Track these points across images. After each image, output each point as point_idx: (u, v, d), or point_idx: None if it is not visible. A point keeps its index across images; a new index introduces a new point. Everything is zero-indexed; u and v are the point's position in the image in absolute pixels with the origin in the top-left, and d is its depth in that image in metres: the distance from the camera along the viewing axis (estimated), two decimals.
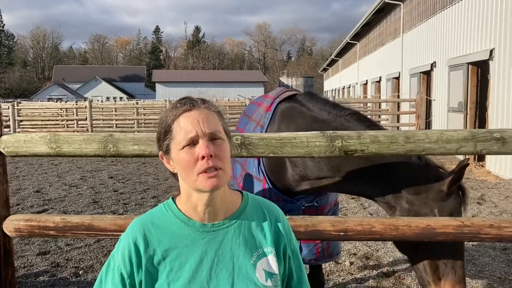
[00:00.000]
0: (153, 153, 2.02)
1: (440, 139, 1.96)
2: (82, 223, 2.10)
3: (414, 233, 2.03)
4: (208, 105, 1.32)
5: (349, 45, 33.93)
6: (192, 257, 1.28)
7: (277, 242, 1.36)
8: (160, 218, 1.35)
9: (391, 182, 2.21)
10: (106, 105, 25.56)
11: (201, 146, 1.24)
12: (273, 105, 2.85)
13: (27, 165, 11.80)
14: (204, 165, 1.23)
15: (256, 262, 1.32)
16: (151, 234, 1.31)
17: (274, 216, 1.40)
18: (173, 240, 1.30)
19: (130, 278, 1.28)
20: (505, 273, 4.52)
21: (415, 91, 16.54)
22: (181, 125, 1.27)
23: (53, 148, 2.06)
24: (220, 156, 1.26)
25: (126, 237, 1.33)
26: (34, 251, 5.17)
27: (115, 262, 1.31)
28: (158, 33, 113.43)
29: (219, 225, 1.32)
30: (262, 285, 1.30)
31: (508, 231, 2.02)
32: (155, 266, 1.28)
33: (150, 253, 1.29)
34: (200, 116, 1.27)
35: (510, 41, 9.53)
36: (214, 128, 1.27)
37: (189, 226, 1.32)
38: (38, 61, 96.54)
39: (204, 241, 1.30)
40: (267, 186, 2.63)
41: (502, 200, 7.48)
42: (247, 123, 3.17)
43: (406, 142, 1.97)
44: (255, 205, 1.41)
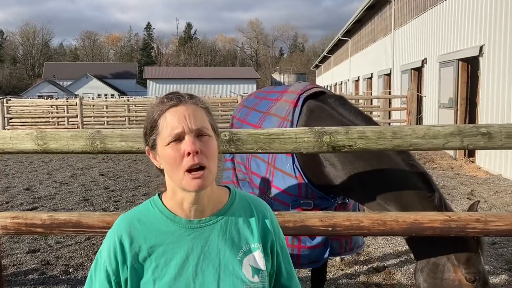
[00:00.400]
0: (141, 150, 2.01)
1: (427, 134, 1.97)
2: (70, 220, 2.09)
3: (402, 228, 2.05)
4: (195, 101, 1.30)
5: (341, 42, 33.99)
6: (178, 254, 1.28)
7: (264, 238, 1.36)
8: (145, 214, 1.34)
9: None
10: (97, 102, 25.40)
11: (187, 142, 1.22)
12: (300, 101, 2.79)
13: (16, 162, 11.70)
14: (190, 162, 1.22)
15: (243, 258, 1.31)
16: (137, 231, 1.30)
17: (262, 213, 1.40)
18: (158, 236, 1.29)
19: (116, 275, 1.27)
20: (494, 267, 4.57)
21: (406, 87, 16.62)
22: (167, 121, 1.25)
23: (40, 145, 2.04)
24: (206, 153, 1.25)
25: (111, 234, 1.32)
26: (24, 249, 5.13)
27: (102, 259, 1.31)
28: (149, 30, 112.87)
29: (205, 222, 1.32)
30: (249, 281, 1.29)
31: (494, 225, 2.03)
32: (141, 263, 1.27)
33: (136, 250, 1.28)
34: (187, 112, 1.26)
35: (499, 37, 9.60)
36: (200, 124, 1.26)
37: (175, 222, 1.31)
38: (28, 58, 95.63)
39: (190, 238, 1.29)
40: (303, 184, 2.60)
41: (491, 196, 7.55)
42: (263, 118, 3.08)
43: (393, 138, 1.98)
44: (243, 202, 1.40)
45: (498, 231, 2.04)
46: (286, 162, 2.66)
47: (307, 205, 2.62)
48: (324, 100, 2.77)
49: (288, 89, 3.10)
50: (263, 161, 2.88)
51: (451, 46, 12.47)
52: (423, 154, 12.09)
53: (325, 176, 2.58)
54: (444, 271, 2.14)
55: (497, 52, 9.68)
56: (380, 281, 4.26)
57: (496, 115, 9.67)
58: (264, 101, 3.36)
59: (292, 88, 3.02)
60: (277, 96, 3.17)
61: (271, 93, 3.45)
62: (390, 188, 2.30)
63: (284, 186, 2.66)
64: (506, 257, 4.81)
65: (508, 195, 7.56)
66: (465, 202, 7.10)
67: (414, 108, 15.54)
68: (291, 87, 3.08)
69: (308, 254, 2.69)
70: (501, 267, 4.57)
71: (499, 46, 9.62)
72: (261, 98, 3.49)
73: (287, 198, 2.66)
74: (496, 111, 9.67)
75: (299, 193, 2.62)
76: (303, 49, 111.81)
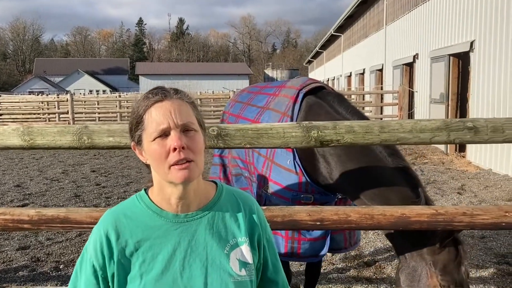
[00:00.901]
0: (129, 145, 1.99)
1: (414, 128, 1.98)
2: (58, 216, 2.08)
3: (389, 222, 2.06)
4: (180, 96, 1.30)
5: (333, 37, 34.00)
6: (165, 248, 1.28)
7: (251, 232, 1.37)
8: (132, 209, 1.34)
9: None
10: (88, 98, 25.26)
11: (173, 137, 1.22)
12: (299, 96, 2.79)
13: (7, 159, 11.62)
14: (176, 157, 1.22)
15: (230, 252, 1.32)
16: (123, 226, 1.30)
17: (249, 207, 1.40)
18: (145, 231, 1.29)
19: (103, 270, 1.27)
20: (483, 260, 4.61)
21: (398, 83, 16.68)
22: (152, 116, 1.25)
23: (26, 141, 2.03)
24: (193, 148, 1.25)
25: (97, 229, 1.32)
26: (14, 246, 5.11)
27: (88, 254, 1.30)
28: (141, 25, 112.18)
29: (192, 216, 1.32)
30: (236, 274, 1.30)
31: (481, 219, 2.05)
32: (127, 258, 1.27)
33: (122, 245, 1.28)
34: (172, 107, 1.25)
35: (489, 33, 9.66)
36: (186, 120, 1.26)
37: (162, 217, 1.31)
38: (18, 53, 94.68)
39: (177, 232, 1.29)
40: (304, 180, 2.62)
41: (481, 190, 7.61)
42: (261, 113, 3.08)
43: (380, 132, 1.99)
44: (230, 196, 1.41)
45: (483, 225, 2.06)
46: (286, 157, 2.67)
47: (307, 199, 2.64)
48: (323, 97, 2.78)
49: (286, 84, 3.10)
50: (261, 156, 2.89)
51: (443, 42, 12.52)
52: (414, 149, 12.15)
53: (321, 173, 2.61)
54: (421, 276, 2.20)
55: (488, 47, 9.74)
56: (370, 275, 4.29)
57: (486, 110, 9.74)
58: (259, 95, 3.34)
59: (291, 83, 3.02)
60: (275, 90, 3.16)
61: (267, 88, 3.44)
62: (376, 187, 2.35)
63: (284, 181, 2.67)
64: (495, 251, 4.86)
65: (498, 189, 7.63)
66: (455, 197, 7.16)
67: (406, 104, 15.61)
68: (290, 82, 3.07)
69: (308, 247, 2.72)
70: (490, 260, 4.62)
71: (489, 42, 9.68)
72: (255, 93, 3.47)
73: (287, 193, 2.67)
74: (487, 106, 9.74)
75: (300, 188, 2.64)
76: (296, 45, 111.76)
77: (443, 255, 2.16)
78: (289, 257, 2.74)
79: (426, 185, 7.92)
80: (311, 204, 2.62)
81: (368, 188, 2.38)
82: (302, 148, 2.20)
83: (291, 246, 2.66)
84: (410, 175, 2.34)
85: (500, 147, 8.94)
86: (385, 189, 2.32)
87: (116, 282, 1.26)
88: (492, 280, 4.16)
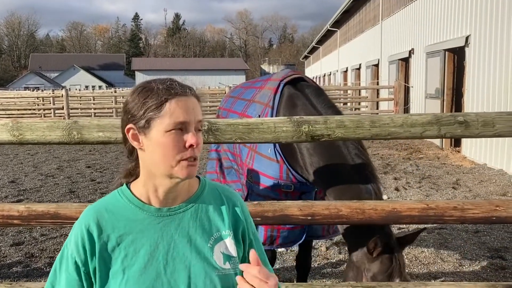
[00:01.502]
0: (119, 140, 1.99)
1: (405, 123, 1.98)
2: (48, 211, 2.07)
3: (380, 217, 2.06)
4: (195, 94, 1.30)
5: (330, 33, 33.96)
6: (148, 242, 1.27)
7: (235, 226, 1.37)
8: (113, 204, 1.32)
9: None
10: (83, 93, 25.13)
11: (192, 135, 1.23)
12: (280, 87, 2.87)
13: (2, 155, 11.57)
14: (190, 154, 1.23)
15: (214, 245, 1.31)
16: (105, 220, 1.28)
17: (232, 201, 1.40)
18: (127, 225, 1.28)
19: (85, 265, 1.26)
20: (476, 255, 4.63)
21: (394, 78, 16.68)
22: (174, 107, 1.23)
23: (16, 136, 2.01)
24: (200, 147, 1.27)
25: (79, 224, 1.30)
26: (8, 242, 5.09)
27: (69, 250, 1.28)
28: (137, 21, 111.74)
29: (175, 210, 1.31)
30: (220, 267, 1.29)
31: (471, 213, 2.06)
32: (109, 253, 1.26)
33: (104, 239, 1.26)
34: (193, 105, 1.26)
35: (485, 27, 9.66)
36: (201, 118, 1.28)
37: (144, 211, 1.30)
38: (13, 49, 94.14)
39: (160, 226, 1.29)
40: (285, 167, 2.70)
41: (476, 185, 7.64)
42: (248, 105, 3.17)
43: (371, 127, 1.98)
44: (213, 190, 1.40)
45: (474, 219, 2.07)
46: (267, 146, 2.74)
47: (287, 188, 2.73)
48: (302, 88, 2.86)
49: (272, 76, 3.19)
50: (246, 147, 2.98)
51: (438, 37, 12.52)
52: (409, 145, 12.18)
53: (298, 163, 2.70)
54: (357, 275, 2.31)
55: (483, 42, 9.75)
56: None
57: (481, 105, 9.76)
58: (249, 90, 3.44)
59: (276, 75, 3.10)
60: (261, 84, 3.25)
61: (256, 82, 3.54)
62: (334, 182, 2.46)
63: (265, 169, 2.75)
64: (488, 245, 4.88)
65: (493, 184, 7.66)
66: (450, 192, 7.19)
67: (402, 99, 15.64)
68: (275, 74, 3.17)
69: (286, 235, 2.79)
70: (483, 254, 4.64)
71: (484, 36, 9.68)
72: (246, 88, 3.57)
73: (269, 181, 2.75)
74: (482, 101, 9.76)
75: (280, 176, 2.71)
76: (293, 40, 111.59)
77: (375, 264, 2.23)
78: (267, 245, 2.80)
79: (421, 180, 7.95)
80: (291, 193, 2.72)
81: (328, 182, 2.48)
82: (293, 142, 2.19)
83: (270, 235, 2.75)
84: (366, 171, 2.44)
85: (495, 142, 8.96)
86: (342, 185, 2.42)
87: (98, 278, 1.25)
88: (485, 274, 4.18)
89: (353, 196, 2.30)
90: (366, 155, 2.53)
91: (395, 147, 11.96)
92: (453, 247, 4.84)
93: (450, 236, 5.16)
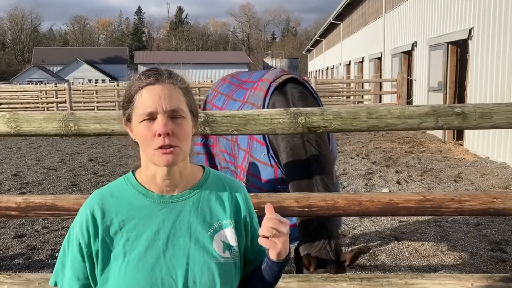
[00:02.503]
0: (115, 132, 2.00)
1: (402, 114, 1.97)
2: (45, 203, 2.08)
3: (377, 208, 2.06)
4: (173, 80, 1.30)
5: (333, 26, 33.80)
6: (149, 228, 1.30)
7: (237, 216, 1.38)
8: (119, 189, 1.36)
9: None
10: (86, 87, 25.16)
11: (159, 123, 1.24)
12: (270, 90, 2.89)
13: (5, 148, 11.61)
14: (160, 143, 1.24)
15: (214, 234, 1.33)
16: (109, 205, 1.32)
17: (235, 191, 1.42)
18: (130, 210, 1.31)
19: (88, 247, 1.29)
20: (477, 247, 4.63)
21: (396, 71, 16.61)
22: (142, 98, 1.27)
23: (13, 128, 2.02)
24: (178, 134, 1.26)
25: (84, 208, 1.34)
26: (10, 234, 5.12)
27: (74, 232, 1.33)
28: (140, 14, 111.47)
29: (177, 197, 1.34)
30: (220, 256, 1.32)
31: (469, 205, 2.05)
32: (111, 236, 1.29)
33: (107, 223, 1.30)
34: (163, 92, 1.26)
35: (488, 20, 9.59)
36: (175, 106, 1.27)
37: (147, 197, 1.33)
38: (17, 43, 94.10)
39: (162, 212, 1.32)
40: (279, 171, 2.74)
41: (478, 178, 7.62)
42: (241, 107, 3.20)
43: (368, 118, 1.98)
44: (216, 180, 1.42)
45: (471, 210, 2.06)
46: (260, 151, 2.79)
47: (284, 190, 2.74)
48: (285, 93, 2.89)
49: (263, 77, 3.20)
50: (242, 150, 3.01)
51: (441, 29, 12.44)
52: (412, 138, 12.15)
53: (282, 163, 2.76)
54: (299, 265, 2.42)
55: (486, 34, 9.68)
56: (364, 262, 4.31)
57: (484, 98, 9.70)
58: (240, 89, 3.46)
59: (267, 75, 3.12)
60: (253, 85, 3.28)
61: (248, 82, 3.54)
62: (292, 176, 2.58)
63: (261, 174, 2.78)
64: (489, 238, 4.87)
65: (495, 177, 7.64)
66: (451, 185, 7.17)
67: (405, 92, 15.57)
68: (266, 74, 3.19)
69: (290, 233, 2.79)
70: (484, 247, 4.63)
71: (487, 29, 9.61)
72: (237, 86, 3.57)
73: (265, 185, 2.79)
74: (484, 94, 9.71)
75: (276, 180, 2.75)
76: (296, 33, 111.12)
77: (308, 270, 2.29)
78: None
79: (423, 173, 7.93)
80: None
81: (288, 176, 2.59)
82: (290, 134, 2.19)
83: None
84: (315, 163, 2.50)
85: (497, 135, 8.93)
86: (296, 180, 2.53)
87: (100, 260, 1.29)
88: (485, 267, 4.18)
89: (299, 189, 2.39)
90: (323, 147, 2.59)
91: (397, 140, 11.93)
92: (454, 240, 4.84)
93: (451, 229, 5.15)
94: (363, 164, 8.88)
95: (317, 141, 2.56)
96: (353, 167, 8.60)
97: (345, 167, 8.65)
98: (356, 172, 8.14)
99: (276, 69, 3.17)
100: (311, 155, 2.51)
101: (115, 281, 1.26)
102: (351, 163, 9.00)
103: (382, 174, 7.99)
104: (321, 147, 2.56)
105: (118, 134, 1.95)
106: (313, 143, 2.54)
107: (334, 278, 2.11)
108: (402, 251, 4.55)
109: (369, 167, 8.62)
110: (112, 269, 1.27)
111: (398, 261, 4.34)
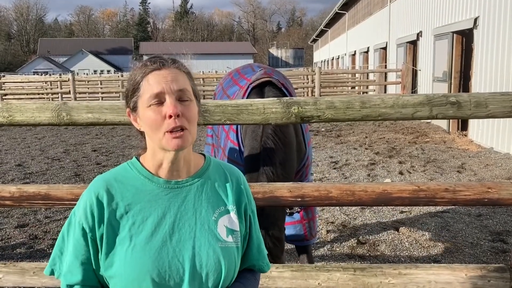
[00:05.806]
0: (108, 121, 1.99)
1: (396, 104, 1.95)
2: (39, 192, 2.08)
3: (371, 198, 2.05)
4: (178, 65, 1.33)
5: (338, 15, 33.56)
6: (155, 212, 1.31)
7: (238, 201, 1.41)
8: (123, 175, 1.37)
9: None
10: (90, 77, 25.21)
11: (169, 105, 1.25)
12: (248, 90, 2.91)
13: (10, 139, 11.68)
14: (172, 124, 1.25)
15: (218, 219, 1.36)
16: (114, 189, 1.33)
17: (236, 177, 1.45)
18: (136, 195, 1.32)
19: (92, 232, 1.30)
20: (477, 238, 4.61)
21: (401, 61, 16.48)
22: (149, 83, 1.28)
23: (6, 117, 2.02)
24: (188, 116, 1.28)
25: (88, 192, 1.34)
26: (13, 224, 5.16)
27: (76, 217, 1.33)
28: (145, 5, 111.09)
29: (182, 183, 1.36)
30: (224, 240, 1.34)
31: (463, 195, 2.03)
32: (117, 220, 1.30)
33: (113, 207, 1.30)
34: (170, 75, 1.28)
35: (494, 9, 9.47)
36: (182, 87, 1.29)
37: (153, 182, 1.34)
38: (22, 33, 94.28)
39: (167, 197, 1.33)
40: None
41: (481, 169, 7.57)
42: None
43: (362, 108, 1.96)
44: (217, 167, 1.45)
45: (466, 201, 2.04)
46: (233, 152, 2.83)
47: None
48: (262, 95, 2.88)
49: (252, 76, 3.23)
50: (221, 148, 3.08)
51: (446, 19, 12.31)
52: (416, 128, 12.09)
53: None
54: None
55: (491, 24, 9.57)
56: (364, 253, 4.31)
57: (489, 88, 9.62)
58: (235, 86, 3.54)
59: (254, 76, 3.14)
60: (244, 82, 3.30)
61: (242, 78, 3.57)
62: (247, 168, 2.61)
63: (232, 155, 2.82)
64: (490, 229, 4.86)
65: (498, 168, 7.59)
66: (454, 175, 7.14)
67: (409, 82, 15.47)
68: (254, 75, 3.20)
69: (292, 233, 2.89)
70: (484, 238, 4.62)
71: (493, 18, 9.49)
72: (234, 81, 3.63)
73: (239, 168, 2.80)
74: (489, 84, 9.62)
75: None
76: (301, 23, 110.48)
77: None
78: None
79: (426, 164, 7.90)
80: None
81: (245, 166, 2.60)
82: (283, 124, 2.18)
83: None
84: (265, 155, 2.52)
85: (502, 126, 8.86)
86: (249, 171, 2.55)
87: (105, 244, 1.29)
88: (485, 258, 4.17)
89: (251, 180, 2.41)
90: (283, 140, 2.58)
91: (401, 131, 11.87)
92: (455, 230, 4.82)
93: (452, 219, 5.14)
94: (366, 155, 8.85)
95: (276, 135, 2.56)
96: (356, 158, 8.58)
97: (348, 157, 8.63)
98: (359, 163, 8.12)
99: (260, 71, 3.22)
100: (264, 148, 2.53)
101: (121, 264, 1.27)
102: (354, 154, 8.97)
103: (385, 164, 7.96)
104: (278, 141, 2.56)
105: (111, 124, 1.95)
106: (270, 137, 2.54)
107: (327, 268, 2.11)
108: (402, 242, 4.55)
109: (372, 157, 8.59)
110: (117, 253, 1.28)
111: (398, 252, 4.34)
